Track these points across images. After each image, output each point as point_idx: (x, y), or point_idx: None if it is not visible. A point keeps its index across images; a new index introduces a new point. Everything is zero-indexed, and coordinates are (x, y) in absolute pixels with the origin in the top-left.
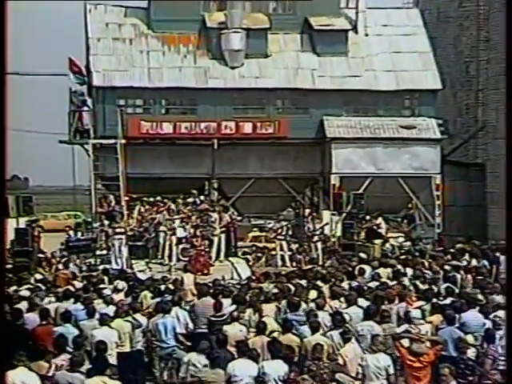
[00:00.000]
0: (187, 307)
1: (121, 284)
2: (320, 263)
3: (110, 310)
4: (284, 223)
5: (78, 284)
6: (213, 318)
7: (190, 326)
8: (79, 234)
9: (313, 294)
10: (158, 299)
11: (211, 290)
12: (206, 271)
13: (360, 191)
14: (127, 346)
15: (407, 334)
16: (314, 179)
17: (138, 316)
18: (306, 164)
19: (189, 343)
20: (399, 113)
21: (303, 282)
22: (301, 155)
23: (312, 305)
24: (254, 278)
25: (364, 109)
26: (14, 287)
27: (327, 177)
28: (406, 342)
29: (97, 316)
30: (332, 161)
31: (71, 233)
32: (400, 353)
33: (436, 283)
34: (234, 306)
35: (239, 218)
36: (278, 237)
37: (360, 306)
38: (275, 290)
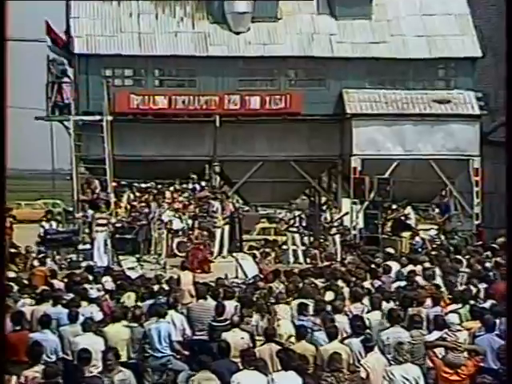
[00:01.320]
0: (184, 310)
1: (109, 283)
2: (339, 259)
3: (97, 313)
4: (297, 213)
5: (58, 283)
6: (214, 323)
7: (188, 332)
8: (54, 224)
9: (330, 295)
10: (150, 301)
11: (213, 291)
12: (205, 268)
13: (385, 176)
14: (124, 355)
15: (442, 342)
16: (332, 162)
17: (125, 322)
18: (323, 144)
19: (186, 352)
20: (432, 85)
21: (319, 282)
22: (316, 134)
23: (329, 308)
24: (261, 276)
25: (390, 80)
26: None
27: (347, 159)
28: (440, 352)
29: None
30: (353, 141)
31: (45, 224)
32: (434, 364)
33: (474, 283)
34: (235, 309)
35: (246, 208)
36: (290, 229)
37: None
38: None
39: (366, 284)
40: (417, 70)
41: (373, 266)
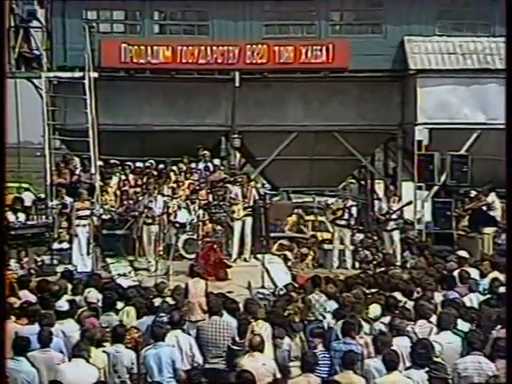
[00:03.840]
0: (193, 331)
1: (94, 294)
2: (398, 263)
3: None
4: (342, 202)
5: (25, 293)
6: (235, 347)
7: (198, 358)
8: (22, 216)
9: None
10: (148, 318)
11: (232, 304)
12: (221, 275)
13: (462, 152)
14: None
15: None
16: (390, 134)
17: (119, 346)
18: (377, 110)
19: None
20: None
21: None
22: (368, 97)
23: (382, 327)
24: (296, 285)
25: (469, 25)
26: None
27: (410, 130)
28: None
29: (57, 343)
30: (417, 105)
31: (10, 215)
32: None
33: None
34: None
35: (274, 195)
36: (338, 222)
37: (459, 332)
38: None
39: (436, 296)
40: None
41: (445, 272)
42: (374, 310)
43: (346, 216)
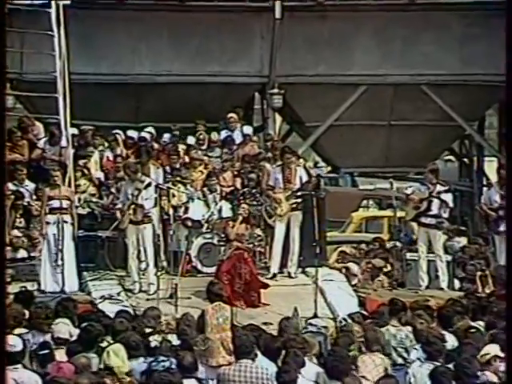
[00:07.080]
0: (211, 382)
1: (66, 327)
2: None
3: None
4: (427, 190)
5: None
6: None
7: None
8: None
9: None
10: (142, 362)
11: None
12: (254, 298)
13: None
14: None
15: None
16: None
17: None
18: (489, 53)
19: None
20: None
21: (479, 325)
22: (476, 33)
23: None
24: (365, 313)
25: None
26: None
27: None
28: None
29: None
30: None
31: None
32: None
33: None
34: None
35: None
36: (422, 219)
37: None
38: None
39: None
40: None
41: None
42: (491, 350)
43: (435, 210)
